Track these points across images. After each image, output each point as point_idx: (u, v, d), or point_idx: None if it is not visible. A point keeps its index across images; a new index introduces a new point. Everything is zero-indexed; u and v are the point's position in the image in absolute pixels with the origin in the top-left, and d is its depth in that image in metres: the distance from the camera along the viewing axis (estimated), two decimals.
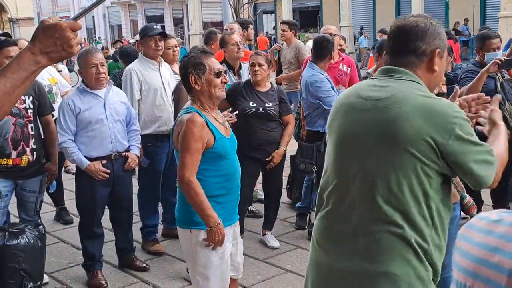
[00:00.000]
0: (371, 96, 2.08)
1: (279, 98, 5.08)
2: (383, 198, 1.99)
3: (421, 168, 1.96)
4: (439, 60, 2.11)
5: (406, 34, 2.10)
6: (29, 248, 3.99)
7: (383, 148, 2.00)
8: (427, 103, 1.98)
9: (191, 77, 3.22)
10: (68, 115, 4.29)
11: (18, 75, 1.56)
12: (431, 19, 2.14)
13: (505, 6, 22.23)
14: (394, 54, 2.15)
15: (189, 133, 3.07)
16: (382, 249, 2.00)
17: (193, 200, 3.10)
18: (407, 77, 2.07)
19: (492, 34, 5.24)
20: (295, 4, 32.81)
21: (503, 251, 0.99)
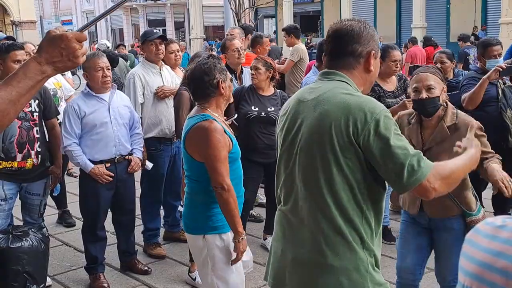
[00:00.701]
0: (305, 98, 2.23)
1: (282, 103, 5.11)
2: (318, 193, 2.12)
3: (345, 162, 2.06)
4: (374, 60, 2.23)
5: (343, 37, 2.21)
6: (33, 251, 4.02)
7: (314, 146, 2.12)
8: (347, 100, 2.08)
9: (220, 82, 3.23)
10: (73, 118, 4.33)
11: (23, 84, 1.58)
12: (365, 22, 2.25)
13: (506, 12, 22.29)
14: (332, 56, 2.26)
15: (217, 142, 3.07)
16: (325, 241, 2.13)
17: (231, 208, 3.10)
18: (338, 77, 2.20)
19: (493, 41, 5.27)
20: (296, 8, 32.88)
21: (505, 255, 1.01)
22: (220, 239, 3.18)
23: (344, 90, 2.14)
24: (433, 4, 26.39)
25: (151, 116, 5.13)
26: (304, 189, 2.18)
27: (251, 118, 4.94)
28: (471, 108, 5.04)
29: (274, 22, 36.65)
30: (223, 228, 3.18)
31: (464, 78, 5.28)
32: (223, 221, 3.16)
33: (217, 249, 3.17)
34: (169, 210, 5.55)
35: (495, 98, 5.00)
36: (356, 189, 2.09)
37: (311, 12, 34.96)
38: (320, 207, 2.13)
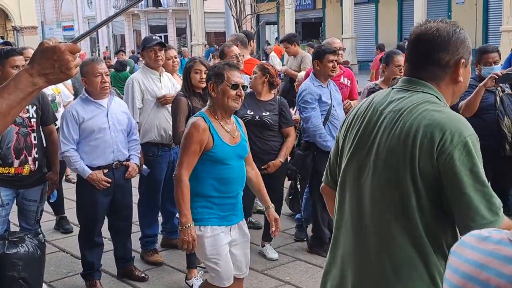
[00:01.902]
0: (384, 109, 1.98)
1: (280, 109, 5.11)
2: (390, 217, 1.90)
3: (423, 186, 1.83)
4: (464, 69, 1.96)
5: (427, 43, 1.95)
6: (29, 257, 4.00)
7: (392, 165, 1.89)
8: (434, 117, 1.84)
9: (210, 84, 3.51)
10: (71, 124, 4.32)
11: (14, 96, 1.56)
12: (455, 25, 1.98)
13: (507, 20, 22.30)
14: (415, 65, 2.00)
15: (190, 136, 3.38)
16: (393, 272, 1.92)
17: (177, 196, 3.40)
18: (425, 89, 1.95)
19: (490, 48, 5.26)
20: (298, 15, 32.94)
21: (489, 268, 1.00)
22: (199, 230, 3.41)
23: (431, 105, 1.89)
24: (435, 12, 26.42)
25: (150, 122, 5.13)
26: (373, 210, 1.95)
27: (245, 121, 4.94)
28: (468, 115, 5.02)
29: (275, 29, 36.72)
30: (202, 221, 3.43)
31: None
32: (203, 215, 3.42)
33: (205, 237, 3.42)
34: (167, 216, 5.53)
35: (492, 106, 4.99)
36: (433, 219, 1.85)
37: (312, 19, 35.01)
38: (391, 232, 1.90)
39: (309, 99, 5.17)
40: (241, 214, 3.64)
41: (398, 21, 29.15)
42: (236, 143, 3.50)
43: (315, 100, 5.18)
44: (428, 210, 1.85)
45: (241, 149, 3.55)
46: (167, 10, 45.50)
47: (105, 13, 46.93)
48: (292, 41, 7.86)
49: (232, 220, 3.53)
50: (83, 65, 4.41)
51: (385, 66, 5.24)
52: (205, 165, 3.41)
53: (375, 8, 30.68)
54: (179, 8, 45.10)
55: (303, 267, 5.04)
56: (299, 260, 5.18)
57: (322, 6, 33.63)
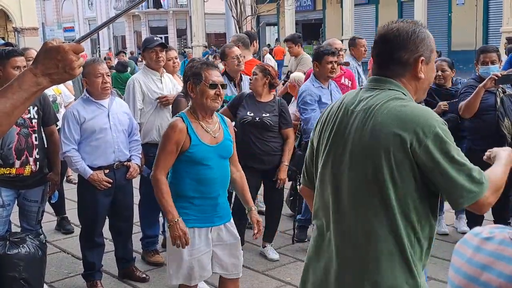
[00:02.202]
0: (355, 108, 2.07)
1: (279, 110, 5.12)
2: (369, 210, 2.00)
3: (400, 178, 1.94)
4: (425, 66, 2.08)
5: (388, 43, 2.08)
6: (30, 258, 4.01)
7: (367, 161, 1.99)
8: (402, 112, 1.96)
9: (188, 85, 3.49)
10: (72, 124, 4.33)
11: (18, 96, 1.57)
12: (415, 24, 2.10)
13: (507, 21, 22.32)
14: (379, 64, 2.13)
15: (166, 136, 3.40)
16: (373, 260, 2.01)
17: (158, 196, 3.43)
18: (391, 86, 2.06)
19: (489, 48, 5.27)
20: (298, 16, 32.96)
21: (491, 268, 1.00)
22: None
23: (398, 101, 2.00)
24: (435, 13, 26.45)
25: (150, 122, 5.14)
26: (352, 205, 2.04)
27: (245, 123, 4.96)
28: (467, 116, 5.03)
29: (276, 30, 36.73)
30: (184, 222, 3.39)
31: (462, 86, 5.27)
32: (181, 215, 3.38)
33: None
34: None
35: (493, 107, 4.99)
36: (410, 207, 1.96)
37: (313, 20, 35.03)
38: (371, 224, 1.99)
39: (308, 100, 5.18)
40: (226, 216, 3.59)
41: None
42: (217, 143, 3.46)
43: (315, 101, 5.19)
44: (405, 200, 1.95)
45: (223, 149, 3.50)
46: (168, 11, 45.55)
47: (105, 14, 46.97)
48: (296, 41, 7.87)
49: (214, 221, 3.49)
50: (85, 66, 4.40)
51: None
52: (184, 165, 3.41)
53: (375, 9, 30.69)
54: (180, 9, 45.15)
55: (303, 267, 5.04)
56: (299, 260, 5.18)
57: (322, 7, 33.65)
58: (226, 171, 3.56)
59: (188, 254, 3.41)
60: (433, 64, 2.14)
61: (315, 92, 5.20)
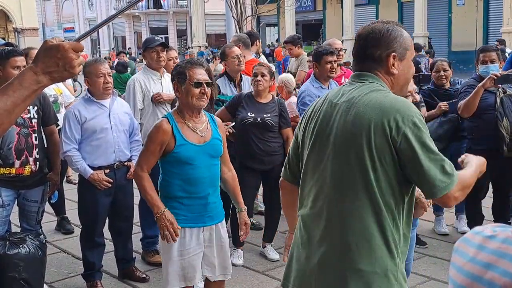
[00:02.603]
0: (338, 101, 2.19)
1: (279, 110, 5.12)
2: (352, 196, 2.08)
3: (380, 165, 2.03)
4: (399, 62, 2.19)
5: (362, 41, 2.22)
6: (30, 258, 4.00)
7: (349, 149, 2.08)
8: (381, 101, 2.07)
9: (174, 85, 3.49)
10: (73, 124, 4.34)
11: (19, 94, 1.58)
12: (391, 24, 2.23)
13: (508, 21, 22.33)
14: (357, 60, 2.26)
15: (150, 136, 3.41)
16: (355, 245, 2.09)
17: (141, 192, 3.50)
18: (370, 79, 2.17)
19: (489, 47, 5.27)
20: (298, 17, 32.98)
21: (495, 267, 1.00)
22: None
23: (378, 92, 2.12)
24: (435, 14, 26.47)
25: (151, 122, 5.13)
26: (336, 192, 2.14)
27: (247, 123, 4.95)
28: (466, 115, 5.02)
29: (276, 30, 36.76)
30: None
31: (462, 86, 5.27)
32: (175, 216, 3.37)
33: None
34: None
35: (492, 106, 4.98)
36: (390, 194, 2.06)
37: (313, 21, 35.07)
38: (353, 210, 2.09)
39: (307, 101, 5.18)
40: (218, 216, 3.55)
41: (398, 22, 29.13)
42: (205, 142, 3.43)
43: None
44: (386, 185, 2.05)
45: (211, 148, 3.46)
46: (168, 11, 45.59)
47: (106, 15, 46.98)
48: (296, 43, 7.87)
49: (204, 221, 3.46)
50: (86, 66, 4.42)
51: None
52: (171, 165, 3.40)
53: (375, 10, 30.72)
54: (180, 9, 45.19)
55: None
56: None
57: (323, 8, 33.68)
58: (216, 170, 3.52)
59: (178, 254, 3.40)
60: (409, 62, 2.24)
61: (315, 93, 5.20)
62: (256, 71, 5.07)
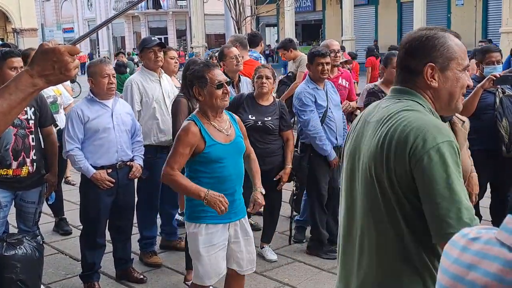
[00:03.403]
0: (371, 119, 2.01)
1: (280, 113, 5.11)
2: (376, 223, 1.91)
3: (402, 192, 1.82)
4: (440, 74, 1.94)
5: (401, 51, 2.02)
6: (27, 259, 3.99)
7: (372, 173, 1.89)
8: (409, 121, 1.84)
9: (195, 89, 3.53)
10: (76, 123, 4.36)
11: (15, 96, 1.60)
12: (434, 30, 1.98)
13: (507, 21, 22.33)
14: (398, 72, 2.06)
15: (179, 138, 3.46)
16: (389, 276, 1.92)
17: (178, 188, 3.53)
18: (408, 96, 1.96)
19: (492, 48, 5.26)
20: (298, 17, 32.97)
21: (477, 267, 1.01)
22: (193, 227, 3.53)
23: (410, 112, 1.88)
24: (434, 13, 26.48)
25: (149, 124, 5.13)
26: (364, 221, 1.96)
27: (247, 127, 4.93)
28: (465, 115, 5.01)
29: (275, 30, 36.76)
30: (197, 219, 3.52)
31: None
32: (199, 213, 3.50)
33: (191, 235, 3.57)
34: (166, 218, 5.53)
35: (491, 106, 4.98)
36: (416, 217, 1.82)
37: (312, 21, 35.08)
38: (379, 244, 1.91)
39: (306, 101, 5.18)
40: (241, 212, 3.66)
41: (397, 23, 29.18)
42: (230, 141, 3.54)
43: (312, 102, 5.18)
44: (410, 209, 1.82)
45: (236, 146, 3.58)
46: (167, 12, 45.60)
47: (105, 15, 47.02)
48: (287, 47, 7.80)
49: (230, 217, 3.55)
50: (91, 66, 4.46)
51: (384, 68, 5.23)
52: (200, 165, 3.47)
53: (374, 10, 30.74)
54: (179, 10, 45.20)
55: (301, 268, 5.04)
56: (297, 261, 5.18)
57: (322, 8, 33.69)
58: (241, 167, 3.64)
59: (205, 251, 3.49)
60: (455, 74, 1.96)
61: (310, 93, 5.20)
62: (261, 73, 5.04)
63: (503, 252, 0.98)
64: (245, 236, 3.68)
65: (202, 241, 3.48)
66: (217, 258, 3.54)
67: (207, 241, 3.49)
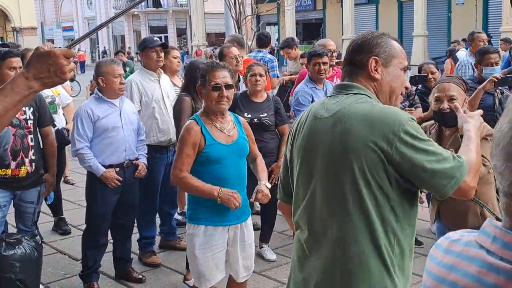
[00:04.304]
0: (322, 115, 2.09)
1: (275, 108, 5.12)
2: (345, 217, 1.98)
3: (374, 181, 1.93)
4: (382, 68, 2.11)
5: (348, 48, 2.19)
6: (26, 259, 3.99)
7: (339, 167, 1.99)
8: (369, 114, 1.96)
9: (197, 87, 3.56)
10: (86, 122, 4.37)
11: (11, 99, 1.62)
12: (378, 33, 2.18)
13: (507, 20, 22.33)
14: (343, 68, 2.23)
15: (182, 139, 3.44)
16: (353, 265, 1.98)
17: (191, 189, 3.46)
18: (354, 90, 2.09)
19: (490, 49, 5.27)
20: (298, 16, 32.96)
21: (457, 269, 1.03)
22: (192, 228, 3.49)
23: (363, 103, 2.02)
24: (434, 13, 26.47)
25: (148, 124, 5.13)
26: (328, 214, 2.03)
27: None
28: None
29: (276, 29, 36.72)
30: (196, 220, 3.49)
31: None
32: (197, 214, 3.48)
33: (189, 237, 3.53)
34: (166, 218, 5.53)
35: (491, 108, 4.98)
36: (388, 209, 1.95)
37: (313, 20, 35.04)
38: (347, 234, 1.98)
39: (301, 100, 5.22)
40: (244, 215, 3.60)
41: (398, 22, 29.15)
42: (232, 141, 3.51)
43: (308, 101, 5.19)
44: (383, 200, 1.95)
45: (238, 147, 3.54)
46: (167, 10, 45.55)
47: (105, 14, 46.97)
48: (291, 45, 7.89)
49: (231, 220, 3.51)
50: (101, 65, 4.47)
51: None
52: (199, 164, 3.44)
53: (375, 9, 30.71)
54: (179, 9, 45.15)
55: None
56: None
57: (323, 7, 33.66)
58: (243, 169, 3.60)
59: (201, 253, 3.46)
60: (398, 71, 2.14)
61: (308, 93, 5.22)
62: (254, 71, 5.04)
63: (481, 254, 1.00)
64: (242, 242, 3.60)
65: (199, 243, 3.46)
66: (215, 260, 3.50)
67: (204, 243, 3.46)
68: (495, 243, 0.99)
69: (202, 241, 3.45)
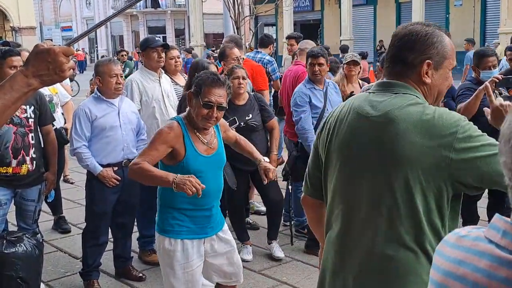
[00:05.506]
0: (368, 113, 1.96)
1: (259, 106, 5.11)
2: (390, 220, 1.89)
3: (428, 186, 1.84)
4: (433, 71, 1.96)
5: (397, 42, 1.99)
6: (27, 257, 4.01)
7: (391, 170, 1.88)
8: (424, 117, 1.86)
9: (189, 94, 3.32)
10: (84, 121, 4.39)
11: (10, 96, 1.62)
12: (432, 27, 1.99)
13: (505, 22, 22.38)
14: (389, 64, 2.03)
15: (160, 134, 3.24)
16: (398, 271, 1.90)
17: (145, 176, 3.16)
18: (404, 90, 1.95)
19: (488, 52, 5.30)
20: (296, 17, 32.98)
21: (466, 263, 1.04)
22: (168, 242, 3.31)
23: (416, 105, 1.90)
24: (432, 14, 26.49)
25: (148, 124, 5.14)
26: (374, 216, 1.93)
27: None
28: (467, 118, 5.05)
29: (274, 30, 36.72)
30: (172, 233, 3.31)
31: (459, 88, 5.30)
32: (173, 227, 3.30)
33: (165, 251, 3.33)
34: None
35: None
36: (436, 214, 1.86)
37: (311, 21, 35.04)
38: (393, 238, 1.89)
39: (299, 101, 5.24)
40: (218, 225, 3.47)
41: (396, 23, 29.15)
42: (212, 153, 3.35)
43: (306, 102, 5.21)
44: (434, 205, 1.86)
45: (218, 159, 3.39)
46: (166, 11, 45.53)
47: (103, 14, 46.94)
48: (298, 40, 7.97)
49: (207, 232, 3.39)
50: (99, 65, 4.49)
51: (381, 68, 5.28)
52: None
53: (373, 10, 30.74)
54: (178, 9, 45.13)
55: (300, 267, 5.06)
56: (296, 260, 5.20)
57: (321, 8, 33.67)
58: (220, 181, 3.44)
59: (181, 268, 3.30)
60: (446, 72, 2.00)
61: (306, 93, 5.25)
62: (237, 74, 4.95)
63: (491, 249, 1.01)
64: (227, 248, 3.49)
65: (179, 258, 3.29)
66: (194, 276, 3.34)
67: (184, 258, 3.29)
68: (505, 238, 1.00)
69: (181, 257, 3.29)
